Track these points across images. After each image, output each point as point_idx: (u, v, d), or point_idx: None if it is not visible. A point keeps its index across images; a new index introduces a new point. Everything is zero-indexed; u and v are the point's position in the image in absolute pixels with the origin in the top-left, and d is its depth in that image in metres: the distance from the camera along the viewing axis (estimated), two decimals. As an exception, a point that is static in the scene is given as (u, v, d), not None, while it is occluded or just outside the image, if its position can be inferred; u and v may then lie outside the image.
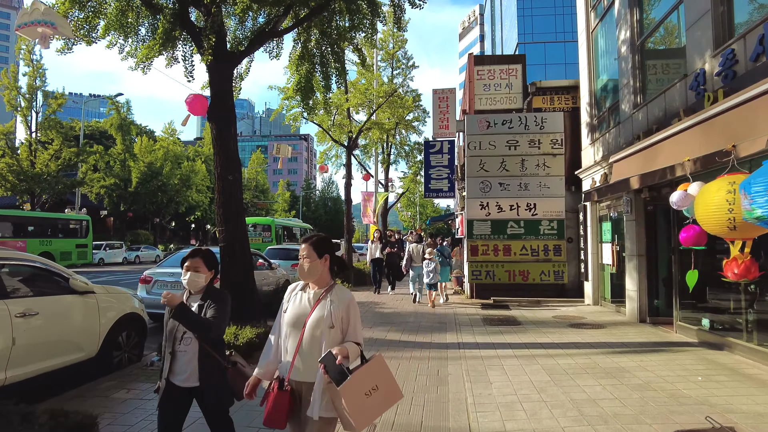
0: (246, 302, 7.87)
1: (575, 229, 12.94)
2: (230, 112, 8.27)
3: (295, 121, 15.30)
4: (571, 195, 12.67)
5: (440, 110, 12.96)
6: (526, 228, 12.32)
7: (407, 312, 10.58)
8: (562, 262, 12.24)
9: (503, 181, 12.39)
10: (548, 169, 12.35)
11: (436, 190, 13.14)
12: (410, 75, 24.05)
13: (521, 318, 9.68)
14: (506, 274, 12.26)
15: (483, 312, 10.54)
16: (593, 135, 11.47)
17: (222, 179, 8.05)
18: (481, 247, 12.30)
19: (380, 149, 22.61)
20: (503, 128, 12.51)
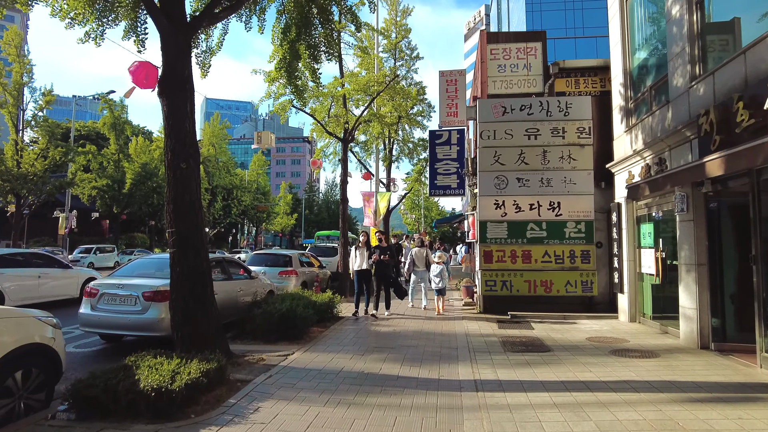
0: (198, 324, 6.16)
1: (605, 232, 11.16)
2: (186, 84, 6.58)
3: (285, 111, 13.63)
4: (600, 192, 10.90)
5: (447, 95, 11.27)
6: (548, 230, 10.57)
7: (409, 331, 8.83)
8: (591, 270, 10.47)
9: (522, 176, 10.65)
10: (574, 162, 10.61)
11: (443, 187, 11.42)
12: (414, 67, 22.39)
13: (548, 341, 7.91)
14: (526, 284, 10.51)
15: (501, 332, 8.77)
16: (629, 121, 9.71)
17: (173, 168, 6.36)
18: (496, 253, 10.55)
19: (381, 146, 20.90)
20: (522, 114, 10.78)
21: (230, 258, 10.23)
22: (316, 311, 8.92)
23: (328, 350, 7.22)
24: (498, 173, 10.65)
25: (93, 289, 7.78)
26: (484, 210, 10.60)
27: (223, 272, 9.44)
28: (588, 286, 10.48)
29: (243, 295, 9.49)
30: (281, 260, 13.33)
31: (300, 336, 7.94)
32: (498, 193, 10.61)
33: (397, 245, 14.53)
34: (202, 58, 8.93)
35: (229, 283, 9.30)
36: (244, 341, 7.91)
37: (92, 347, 8.10)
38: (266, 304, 8.25)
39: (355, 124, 13.87)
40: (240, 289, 9.52)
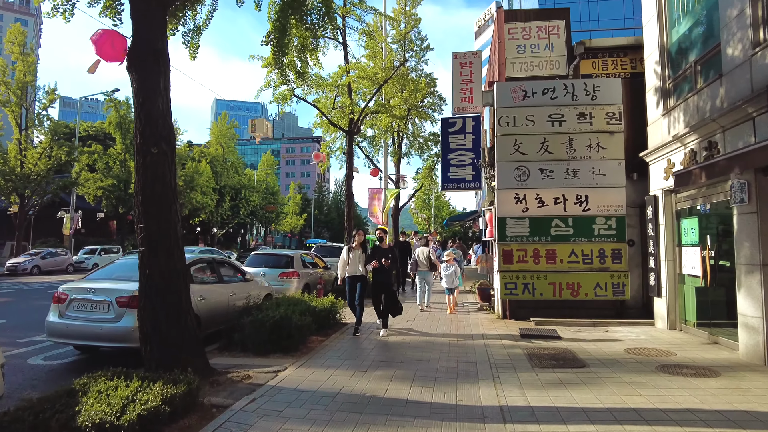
0: (169, 337, 5.22)
1: (637, 229, 10.06)
2: (159, 56, 5.65)
3: (285, 101, 12.69)
4: (631, 184, 9.80)
5: (462, 78, 10.24)
6: (575, 227, 9.48)
7: (420, 341, 7.83)
8: (623, 271, 9.35)
9: (545, 167, 9.57)
10: (603, 150, 9.50)
11: (457, 180, 10.38)
12: (424, 58, 21.40)
13: (581, 353, 6.85)
14: (550, 287, 9.42)
15: (524, 342, 7.73)
16: (666, 103, 8.62)
17: (143, 153, 5.44)
18: (516, 253, 9.48)
19: (390, 140, 19.92)
20: (544, 98, 9.71)
21: (221, 258, 9.31)
22: (315, 318, 7.97)
23: (327, 365, 6.24)
24: (518, 164, 9.59)
25: (62, 294, 6.89)
26: (503, 205, 9.55)
27: (213, 274, 8.52)
28: (620, 288, 9.36)
29: (236, 299, 8.56)
30: (282, 261, 12.39)
31: (295, 347, 6.97)
32: (518, 185, 9.55)
33: (405, 243, 13.56)
34: (190, 37, 8.04)
35: (219, 287, 8.38)
36: (231, 353, 6.97)
37: (63, 359, 7.22)
38: (257, 311, 7.30)
39: (361, 114, 12.91)
40: (232, 292, 8.59)
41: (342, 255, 8.57)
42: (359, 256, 8.43)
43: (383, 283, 8.46)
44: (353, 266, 8.45)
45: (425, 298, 11.38)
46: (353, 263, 8.45)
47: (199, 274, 8.19)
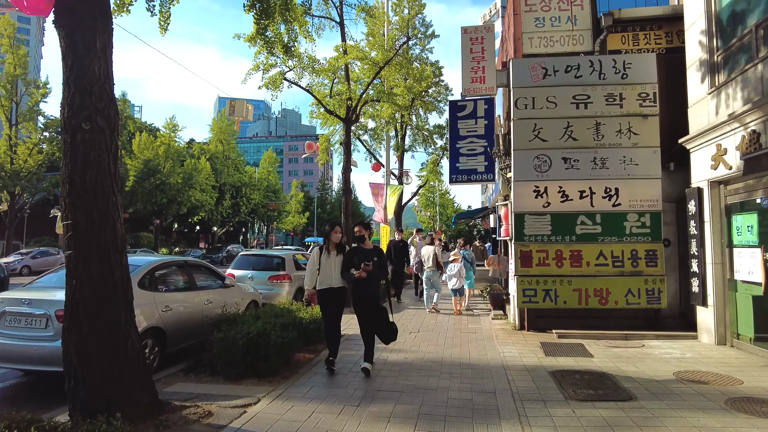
0: (101, 369, 4.03)
1: (673, 227, 8.82)
2: (96, 7, 4.44)
3: (276, 86, 11.47)
4: (667, 176, 8.54)
5: (472, 56, 8.99)
6: (604, 225, 8.26)
7: (425, 360, 6.62)
8: (659, 275, 8.13)
9: (569, 156, 8.34)
10: (636, 136, 8.28)
11: (467, 172, 9.12)
12: (429, 45, 20.16)
13: (622, 377, 5.62)
14: (575, 294, 8.19)
15: (549, 361, 6.50)
16: (715, 78, 7.35)
17: (72, 130, 4.24)
18: (536, 255, 8.25)
19: (393, 132, 18.70)
20: (567, 77, 8.48)
21: (196, 261, 8.11)
22: (302, 333, 6.77)
23: (310, 395, 5.04)
24: (538, 152, 8.36)
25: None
26: (520, 199, 8.32)
27: (184, 280, 7.34)
28: (654, 295, 8.13)
29: (213, 308, 7.39)
30: (272, 263, 11.21)
31: (275, 370, 5.77)
32: (539, 177, 8.32)
33: (401, 244, 12.20)
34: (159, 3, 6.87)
35: (191, 295, 7.20)
36: (198, 377, 5.78)
37: (6, 381, 6.05)
38: (229, 325, 6.10)
39: (359, 102, 11.69)
40: (207, 301, 7.41)
41: (311, 258, 6.27)
42: (334, 260, 6.10)
43: (368, 298, 6.02)
44: (326, 275, 6.05)
45: (432, 299, 10.89)
46: (326, 271, 6.06)
47: (166, 280, 7.01)
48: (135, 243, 43.67)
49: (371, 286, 6.01)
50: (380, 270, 6.13)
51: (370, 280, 5.94)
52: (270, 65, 11.27)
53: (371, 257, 6.00)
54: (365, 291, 6.01)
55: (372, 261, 5.94)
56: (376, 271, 5.96)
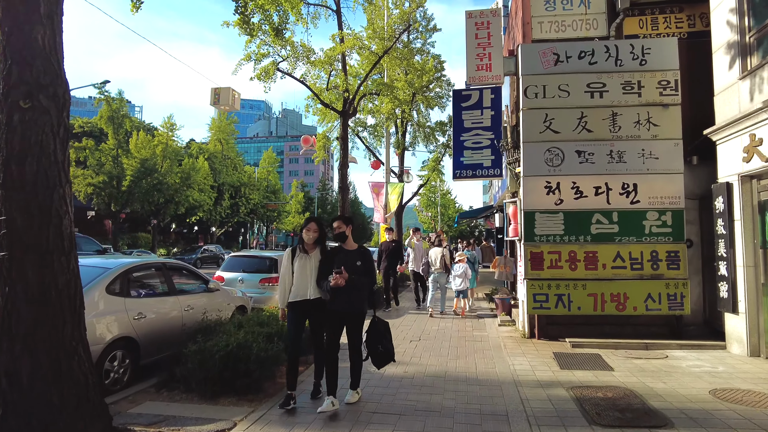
0: (33, 392, 3.36)
1: (696, 226, 8.13)
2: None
3: (269, 77, 10.80)
4: (689, 171, 7.86)
5: (478, 42, 8.33)
6: (621, 224, 7.59)
7: (427, 375, 5.95)
8: (681, 279, 7.46)
9: (583, 149, 7.68)
10: (656, 128, 7.61)
11: (472, 166, 8.44)
12: (431, 40, 19.49)
13: (650, 396, 4.94)
14: (590, 300, 7.52)
15: (565, 375, 5.82)
16: (747, 62, 6.68)
17: (8, 108, 3.59)
18: (548, 256, 7.58)
19: (393, 128, 18.04)
20: (581, 64, 7.81)
21: (176, 263, 7.43)
22: (290, 343, 6.08)
23: (295, 419, 4.39)
24: (550, 144, 7.69)
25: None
26: (530, 196, 7.65)
27: (164, 283, 6.67)
28: (677, 301, 7.45)
29: (194, 314, 6.72)
30: (264, 265, 10.53)
31: (257, 386, 5.10)
32: (550, 171, 7.65)
33: (394, 245, 11.03)
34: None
35: (169, 300, 6.54)
36: (171, 394, 5.11)
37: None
38: (205, 336, 5.43)
39: (357, 93, 11.04)
40: (189, 306, 6.75)
41: (282, 264, 5.01)
42: (310, 264, 4.84)
43: (349, 316, 4.77)
44: (300, 283, 4.81)
45: (438, 302, 10.57)
46: (300, 278, 4.82)
47: (140, 284, 6.35)
48: (132, 243, 43.13)
49: (350, 298, 4.64)
50: (365, 277, 4.75)
51: (349, 291, 4.58)
52: (262, 55, 10.63)
53: (354, 260, 4.73)
54: (344, 306, 4.67)
55: (355, 265, 4.67)
56: (358, 278, 4.63)
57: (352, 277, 4.57)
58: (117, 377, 5.46)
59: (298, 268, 4.86)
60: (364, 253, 4.89)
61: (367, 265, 4.80)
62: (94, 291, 5.39)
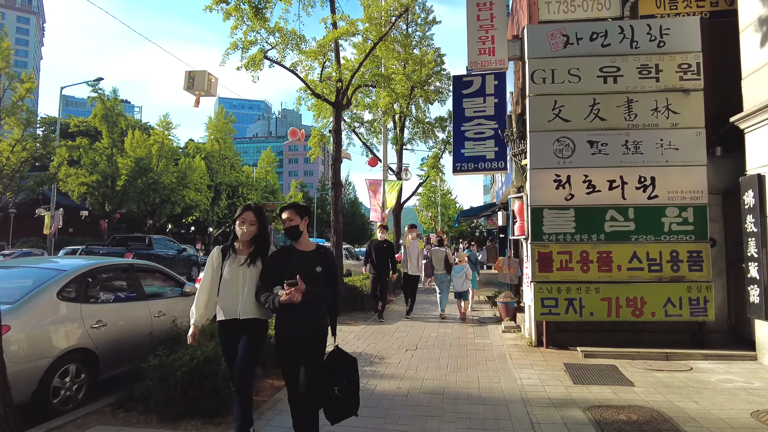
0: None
1: (719, 224, 7.44)
2: None
3: (257, 67, 10.13)
4: (712, 163, 7.16)
5: (480, 24, 7.65)
6: (638, 221, 6.91)
7: (423, 394, 5.27)
8: (704, 282, 6.78)
9: (596, 139, 7.00)
10: (675, 116, 6.94)
11: (474, 159, 7.72)
12: (430, 32, 18.83)
13: (681, 418, 4.26)
14: (603, 305, 6.84)
15: (579, 391, 5.13)
16: (780, 41, 5.99)
17: None
18: (557, 257, 6.89)
19: (391, 124, 17.37)
20: (593, 46, 7.14)
21: (147, 265, 6.75)
22: (268, 354, 5.41)
23: (265, 450, 3.69)
24: (559, 134, 7.01)
25: None
26: (538, 190, 6.97)
27: (131, 287, 6.00)
28: (699, 305, 6.77)
29: (166, 321, 6.01)
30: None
31: (226, 408, 4.37)
32: (560, 164, 6.97)
33: (385, 245, 9.72)
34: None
35: (137, 305, 5.85)
36: (127, 415, 4.43)
37: None
38: (168, 349, 4.74)
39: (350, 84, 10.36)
40: (159, 312, 6.06)
41: (206, 266, 3.70)
42: (246, 272, 3.58)
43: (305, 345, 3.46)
44: (228, 296, 3.57)
45: (443, 305, 10.27)
46: (229, 288, 3.58)
47: (102, 288, 5.68)
48: (128, 244, 42.45)
49: (307, 319, 3.38)
50: (327, 288, 3.47)
51: (305, 309, 3.32)
52: (249, 42, 9.95)
53: (312, 265, 3.44)
54: (292, 329, 3.39)
55: (314, 272, 3.41)
56: (318, 291, 3.38)
57: (310, 289, 3.28)
58: (69, 395, 4.78)
59: (228, 276, 3.55)
60: (324, 255, 3.60)
61: (328, 271, 3.52)
62: (40, 297, 4.71)
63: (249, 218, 3.60)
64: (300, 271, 3.33)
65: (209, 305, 3.67)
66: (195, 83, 8.20)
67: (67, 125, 46.53)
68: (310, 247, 3.61)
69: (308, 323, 3.43)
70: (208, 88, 8.37)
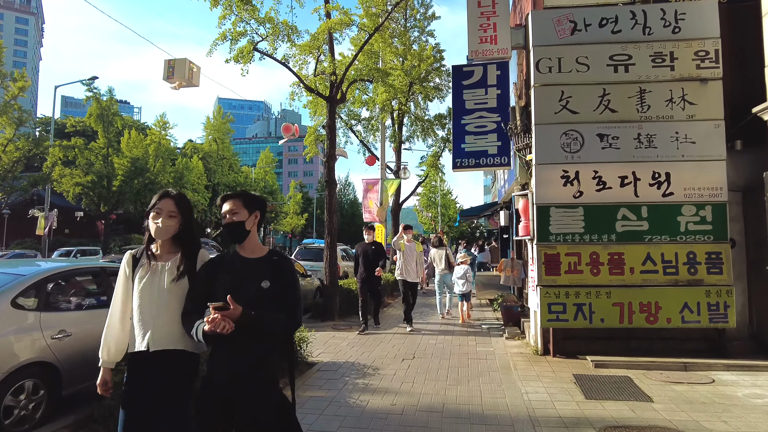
0: None
1: (740, 223, 6.95)
2: None
3: (247, 60, 9.64)
4: (731, 158, 6.65)
5: (481, 11, 7.15)
6: (652, 220, 6.40)
7: (418, 412, 4.77)
8: (725, 286, 6.28)
9: (606, 132, 6.50)
10: (692, 107, 6.44)
11: (475, 154, 7.21)
12: (429, 27, 18.34)
13: (713, 444, 3.75)
14: (615, 310, 6.34)
15: (593, 408, 4.64)
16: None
17: None
18: (565, 259, 6.39)
19: (389, 121, 16.89)
20: (603, 33, 6.65)
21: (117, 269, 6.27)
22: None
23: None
24: (567, 127, 6.51)
25: None
26: (545, 187, 6.47)
27: (101, 293, 5.50)
28: (719, 311, 6.26)
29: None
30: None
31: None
32: (568, 159, 6.47)
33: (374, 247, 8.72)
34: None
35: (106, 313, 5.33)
36: (85, 439, 3.93)
37: None
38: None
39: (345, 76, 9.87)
40: (133, 321, 5.54)
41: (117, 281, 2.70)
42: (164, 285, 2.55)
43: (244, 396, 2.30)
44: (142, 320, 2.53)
45: (445, 306, 10.19)
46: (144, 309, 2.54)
47: (66, 294, 5.18)
48: (125, 244, 42.03)
49: (242, 361, 2.31)
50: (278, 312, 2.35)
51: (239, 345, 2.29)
52: (238, 33, 9.46)
53: (257, 278, 2.39)
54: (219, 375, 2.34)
55: (258, 289, 2.36)
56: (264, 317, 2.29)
57: (247, 315, 2.20)
58: (25, 415, 4.29)
59: (140, 289, 2.55)
60: (278, 265, 2.46)
61: (281, 287, 2.40)
62: (-10, 306, 4.21)
63: (167, 208, 2.55)
64: (238, 286, 2.32)
65: (123, 335, 2.64)
66: (175, 72, 7.69)
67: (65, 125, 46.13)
68: (258, 253, 2.49)
69: (241, 366, 2.28)
70: (189, 78, 7.87)
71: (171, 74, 7.77)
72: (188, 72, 7.86)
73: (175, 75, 7.73)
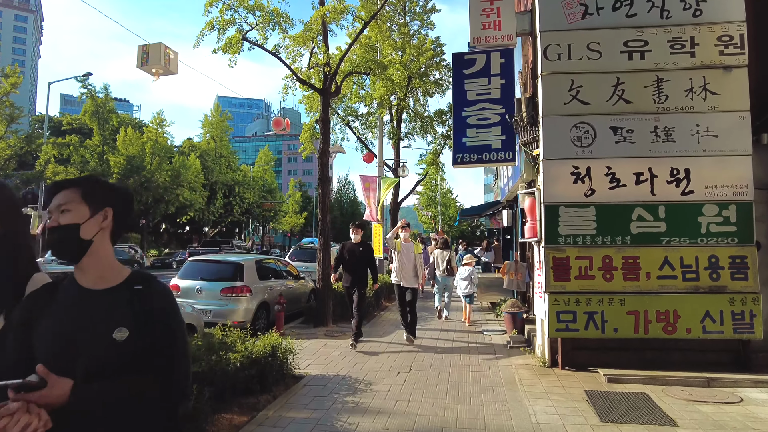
0: None
1: (765, 224, 6.37)
2: None
3: (236, 50, 9.10)
4: (756, 153, 6.11)
5: (484, -6, 6.61)
6: (670, 221, 5.87)
7: (420, 428, 4.23)
8: (750, 293, 5.76)
9: (620, 124, 5.96)
10: (714, 97, 5.90)
11: (477, 149, 6.65)
12: (429, 19, 17.77)
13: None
14: (629, 319, 5.81)
15: None
16: None
17: None
18: (575, 263, 5.86)
19: (387, 116, 16.35)
20: (616, 16, 6.11)
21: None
22: (232, 382, 4.43)
23: None
24: (577, 119, 5.98)
25: None
26: (553, 185, 5.93)
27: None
28: (744, 321, 5.74)
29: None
30: (228, 271, 8.82)
31: None
32: (578, 154, 5.94)
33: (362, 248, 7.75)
34: None
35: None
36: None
37: None
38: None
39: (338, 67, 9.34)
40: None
41: None
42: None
43: None
44: None
45: (444, 308, 10.10)
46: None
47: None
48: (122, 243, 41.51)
49: None
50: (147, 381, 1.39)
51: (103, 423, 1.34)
52: (226, 22, 8.94)
53: (106, 326, 1.37)
54: None
55: (109, 341, 1.35)
56: (100, 395, 1.31)
57: (82, 393, 1.28)
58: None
59: None
60: (146, 299, 1.47)
61: (152, 334, 1.43)
62: None
63: None
64: (71, 340, 1.37)
65: None
66: (150, 59, 7.11)
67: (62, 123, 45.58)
68: (110, 281, 1.48)
69: None
70: (165, 64, 7.29)
71: (145, 61, 7.22)
72: (164, 58, 7.31)
73: (150, 62, 7.18)
